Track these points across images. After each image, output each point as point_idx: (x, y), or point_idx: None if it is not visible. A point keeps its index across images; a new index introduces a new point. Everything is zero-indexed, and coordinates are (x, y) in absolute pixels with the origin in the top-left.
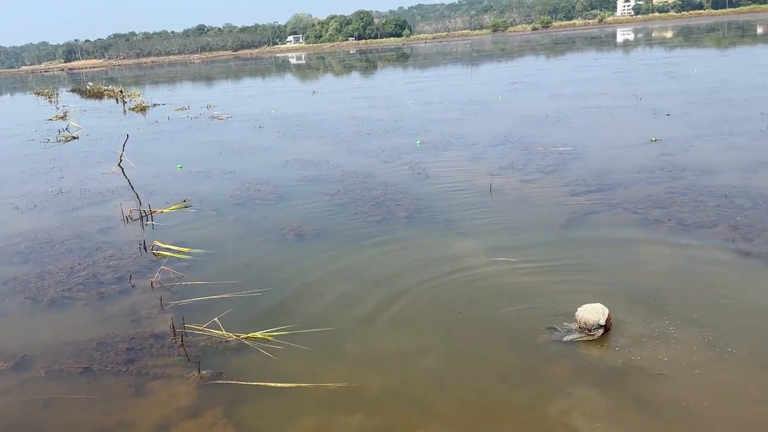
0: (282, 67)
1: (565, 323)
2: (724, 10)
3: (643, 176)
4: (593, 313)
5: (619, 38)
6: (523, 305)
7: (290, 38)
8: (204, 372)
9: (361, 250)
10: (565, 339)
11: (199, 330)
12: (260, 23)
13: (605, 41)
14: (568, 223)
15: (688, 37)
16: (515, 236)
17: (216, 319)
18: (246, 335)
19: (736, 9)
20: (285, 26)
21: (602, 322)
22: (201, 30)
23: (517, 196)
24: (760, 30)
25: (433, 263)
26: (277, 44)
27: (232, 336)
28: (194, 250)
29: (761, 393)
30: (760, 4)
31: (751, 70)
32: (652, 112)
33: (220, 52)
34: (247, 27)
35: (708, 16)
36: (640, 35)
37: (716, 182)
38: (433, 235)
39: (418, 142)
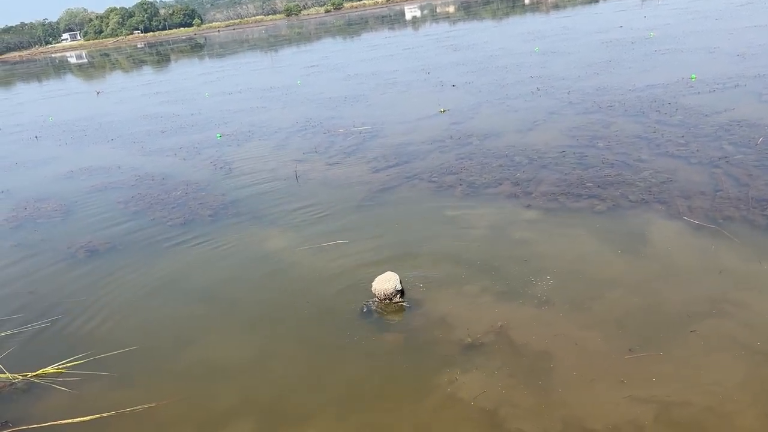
0: (60, 68)
1: (370, 301)
2: None
3: (435, 146)
4: (387, 282)
5: (407, 15)
6: (340, 286)
7: (66, 36)
8: None
9: (164, 257)
10: (375, 314)
11: None
12: (27, 21)
13: (395, 19)
14: (371, 199)
15: (468, 10)
16: (325, 220)
17: None
18: (34, 373)
19: None
20: (58, 23)
21: (399, 286)
22: None
23: (323, 180)
24: (527, 1)
25: (242, 259)
26: (51, 43)
27: (18, 377)
28: None
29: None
30: None
31: (521, 37)
32: (440, 85)
33: None
34: (12, 27)
35: None
36: (426, 11)
37: (498, 144)
38: (242, 231)
39: (218, 135)
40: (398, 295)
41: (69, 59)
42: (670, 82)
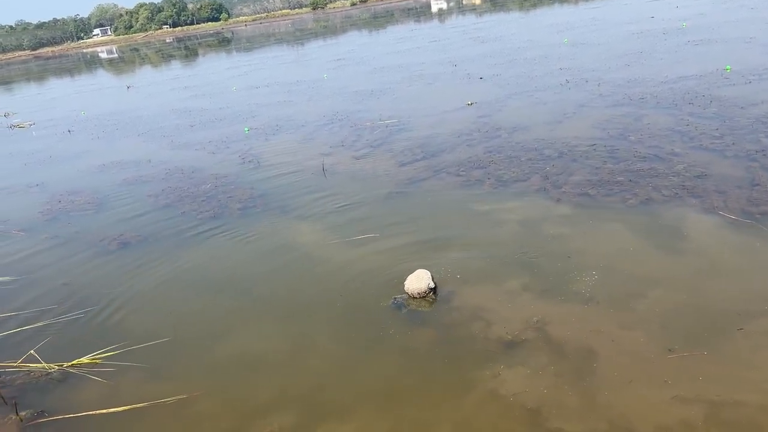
0: (92, 63)
1: (402, 296)
2: None
3: (462, 139)
4: (420, 280)
5: (434, 8)
6: (372, 280)
7: (97, 31)
8: (23, 413)
9: (194, 250)
10: (405, 310)
11: (13, 366)
12: (59, 17)
13: (421, 11)
14: (398, 192)
15: (495, 2)
16: (353, 214)
17: (33, 351)
18: (70, 363)
19: None
20: (89, 19)
21: (432, 284)
22: None
23: (350, 173)
24: None
25: (273, 253)
26: (83, 39)
27: (54, 367)
28: (1, 279)
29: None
30: None
31: (549, 29)
32: (467, 77)
33: (16, 53)
34: (45, 23)
35: None
36: (452, 3)
37: (527, 137)
38: (272, 224)
39: (246, 129)
40: (431, 293)
41: (100, 54)
42: (704, 74)
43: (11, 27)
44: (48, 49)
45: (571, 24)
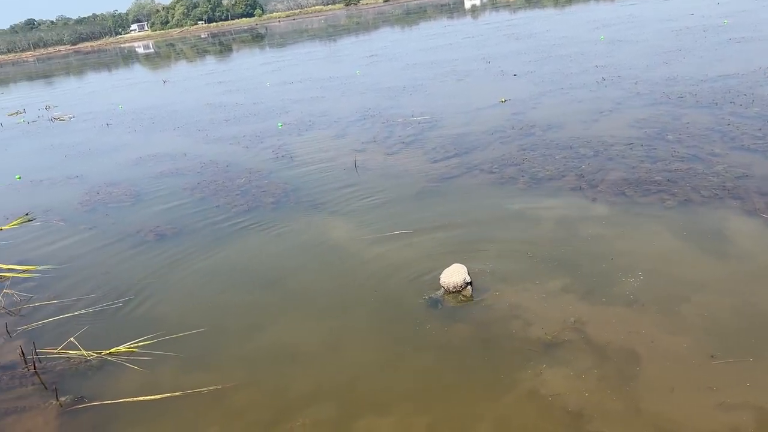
0: (128, 58)
1: (437, 292)
2: None
3: (496, 137)
4: (457, 274)
5: (467, 4)
6: (406, 276)
7: (134, 26)
8: (63, 398)
9: (229, 243)
10: (442, 305)
11: (54, 353)
12: (98, 13)
13: (454, 8)
14: (431, 189)
15: None
16: (386, 210)
17: (72, 338)
18: (108, 351)
19: None
20: (127, 14)
21: (468, 278)
22: (31, 24)
23: (382, 169)
24: None
25: (306, 247)
26: (121, 34)
27: (92, 354)
28: (42, 267)
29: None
30: None
31: (585, 26)
32: (501, 74)
33: (57, 48)
34: (84, 18)
35: None
36: (485, 0)
37: (562, 135)
38: (304, 218)
39: (279, 124)
40: (467, 287)
41: (137, 49)
42: (746, 72)
43: (52, 22)
44: (87, 43)
45: (607, 21)
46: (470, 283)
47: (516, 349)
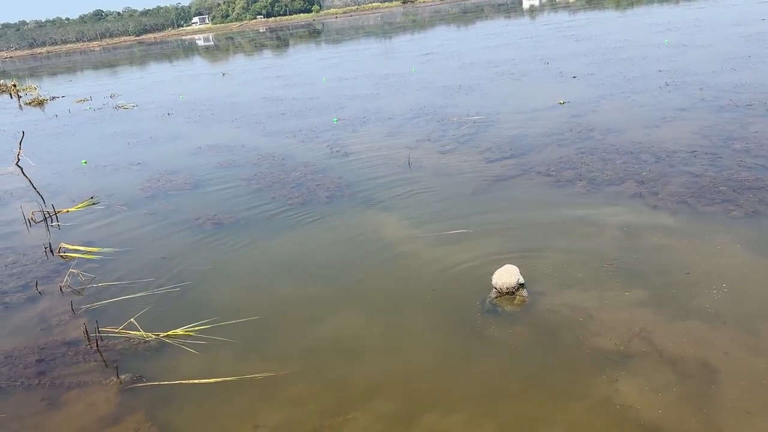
0: (189, 50)
1: (490, 294)
2: None
3: (553, 139)
4: (510, 275)
5: (525, 5)
6: (463, 276)
7: (196, 19)
8: (123, 376)
9: (283, 234)
10: (500, 308)
11: (115, 333)
12: (162, 5)
13: (512, 8)
14: (485, 189)
15: (590, 0)
16: (439, 208)
17: (133, 319)
18: (166, 333)
19: None
20: (189, 7)
21: (521, 279)
22: (99, 15)
23: (435, 168)
24: None
25: (360, 242)
26: (182, 26)
27: (151, 335)
28: (105, 249)
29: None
30: None
31: (648, 29)
32: (559, 75)
33: (122, 38)
34: (149, 10)
35: None
36: (544, 0)
37: (622, 140)
38: (358, 214)
39: (334, 119)
40: (521, 289)
41: (197, 41)
42: None
43: (119, 13)
44: (151, 35)
45: (671, 24)
46: (523, 285)
47: (586, 357)
